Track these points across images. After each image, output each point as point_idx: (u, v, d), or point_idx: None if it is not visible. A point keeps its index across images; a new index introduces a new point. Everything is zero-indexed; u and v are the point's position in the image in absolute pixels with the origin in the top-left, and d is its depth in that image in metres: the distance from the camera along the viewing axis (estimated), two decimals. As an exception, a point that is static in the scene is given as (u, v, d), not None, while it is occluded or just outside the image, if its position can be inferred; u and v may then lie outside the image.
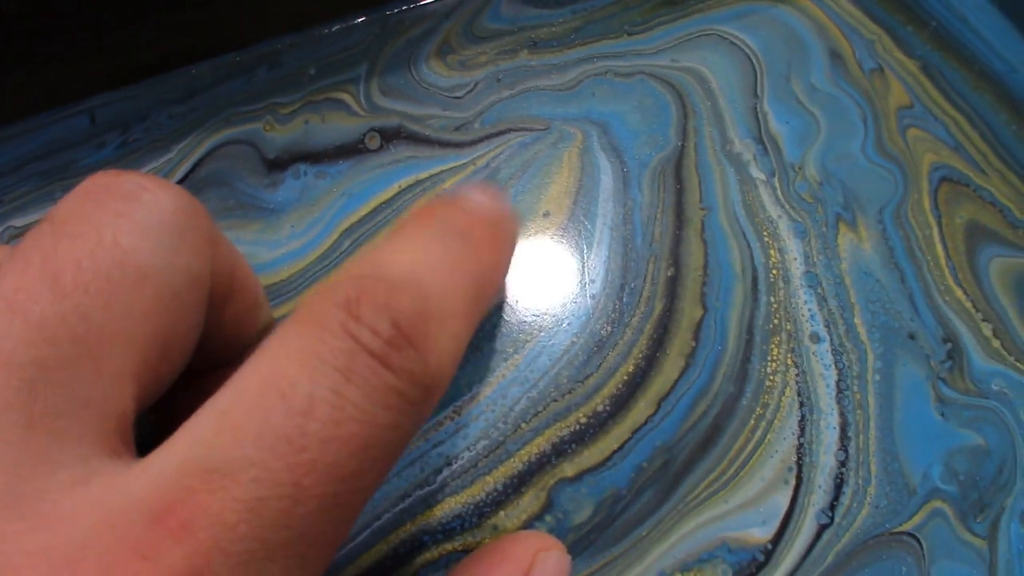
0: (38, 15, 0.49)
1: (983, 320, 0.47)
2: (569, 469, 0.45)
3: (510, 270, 0.38)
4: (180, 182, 0.51)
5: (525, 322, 0.47)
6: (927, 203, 0.52)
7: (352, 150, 0.52)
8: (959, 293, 0.48)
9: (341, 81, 0.54)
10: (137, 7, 0.50)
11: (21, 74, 0.51)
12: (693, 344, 0.47)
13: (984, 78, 0.58)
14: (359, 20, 0.56)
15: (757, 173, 0.52)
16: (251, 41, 0.55)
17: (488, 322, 0.47)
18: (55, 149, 0.52)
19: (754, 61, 0.56)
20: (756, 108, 0.54)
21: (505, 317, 0.47)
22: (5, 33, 0.48)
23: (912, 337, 0.47)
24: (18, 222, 0.50)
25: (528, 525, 0.44)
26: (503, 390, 0.46)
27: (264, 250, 0.49)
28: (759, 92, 0.55)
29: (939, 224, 0.51)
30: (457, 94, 0.54)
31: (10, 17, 0.47)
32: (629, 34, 0.57)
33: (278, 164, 0.52)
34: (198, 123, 0.53)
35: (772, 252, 0.49)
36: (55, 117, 0.53)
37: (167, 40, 0.53)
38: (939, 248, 0.50)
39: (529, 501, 0.44)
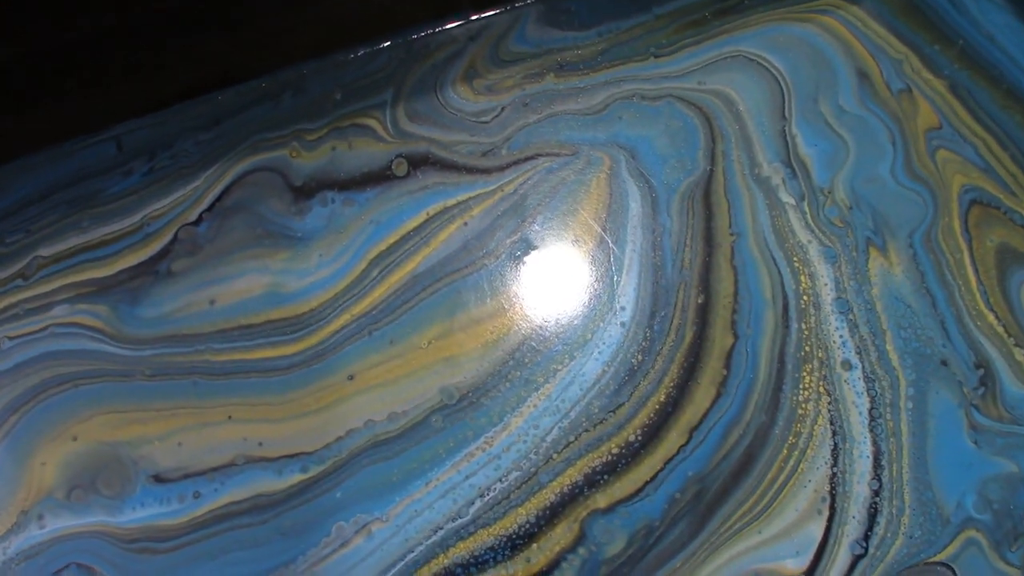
0: (64, 46, 0.48)
1: (1015, 345, 0.47)
2: (602, 500, 0.44)
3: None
4: (208, 210, 0.51)
5: (555, 351, 0.47)
6: (957, 226, 0.51)
7: (379, 177, 0.52)
8: (991, 318, 0.48)
9: (367, 107, 0.54)
10: (161, 36, 0.50)
11: (48, 103, 0.52)
12: (724, 372, 0.47)
13: (1012, 97, 0.57)
14: (383, 45, 0.56)
15: (787, 197, 0.51)
16: (276, 67, 0.55)
17: (518, 351, 0.47)
18: (82, 177, 0.52)
19: (781, 82, 0.56)
20: (784, 130, 0.54)
21: (535, 346, 0.47)
22: (32, 64, 0.48)
23: (944, 363, 0.47)
24: (45, 252, 0.51)
25: (561, 558, 0.43)
26: (535, 420, 0.46)
27: (293, 279, 0.49)
28: (787, 114, 0.55)
29: (970, 248, 0.50)
30: (484, 119, 0.54)
31: (37, 49, 0.47)
32: (655, 56, 0.56)
33: (305, 191, 0.51)
34: (224, 150, 0.53)
35: (803, 278, 0.49)
36: (82, 145, 0.53)
37: (192, 68, 0.53)
38: (970, 272, 0.50)
39: (562, 533, 0.44)
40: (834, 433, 0.46)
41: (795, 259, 0.50)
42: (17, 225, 0.50)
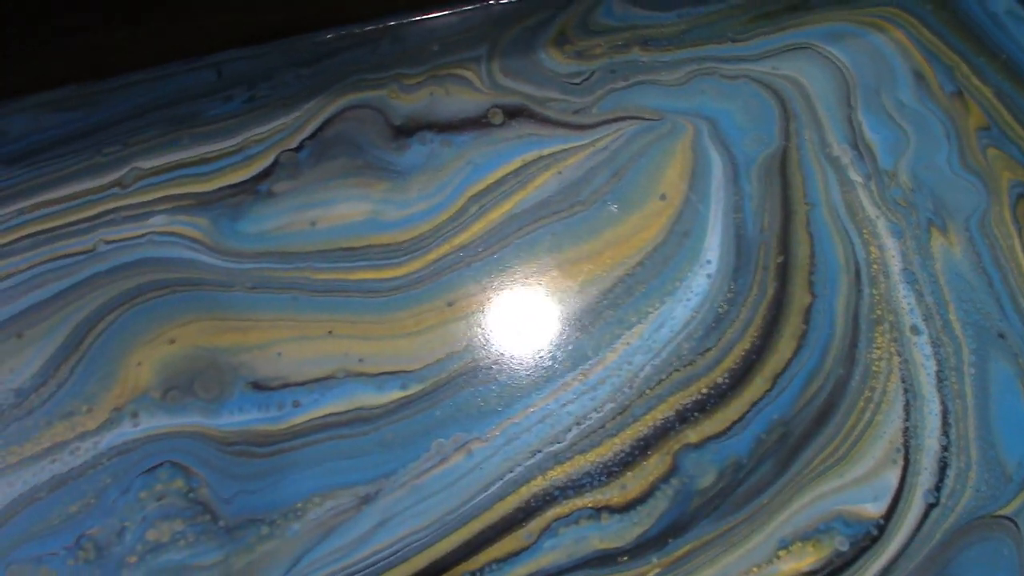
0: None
1: (1064, 326, 0.48)
2: (693, 435, 0.44)
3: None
4: (309, 138, 0.50)
5: (646, 295, 0.47)
6: (1008, 215, 0.53)
7: (476, 123, 0.52)
8: (1041, 301, 0.49)
9: (464, 59, 0.54)
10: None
11: (150, 25, 0.50)
12: (804, 327, 0.47)
13: (1048, 109, 0.60)
14: (475, 7, 0.56)
15: (855, 176, 0.52)
16: (375, 16, 0.54)
17: (611, 292, 0.47)
18: (181, 99, 0.51)
19: (846, 74, 0.57)
20: (851, 117, 0.55)
21: (627, 289, 0.47)
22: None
23: (1002, 336, 0.48)
24: (143, 164, 0.49)
25: (654, 487, 0.43)
26: (628, 357, 0.46)
27: (392, 209, 0.49)
28: (852, 103, 0.56)
29: (1020, 235, 0.52)
30: (574, 80, 0.54)
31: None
32: (732, 40, 0.58)
33: (404, 130, 0.51)
34: (324, 86, 0.52)
35: (872, 248, 0.50)
36: (181, 69, 0.52)
37: (294, 5, 0.52)
38: (1021, 257, 0.51)
39: (655, 464, 0.43)
40: (905, 391, 0.46)
41: (865, 231, 0.51)
42: (115, 137, 0.49)
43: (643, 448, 0.43)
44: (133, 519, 0.41)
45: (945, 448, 0.44)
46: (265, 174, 0.48)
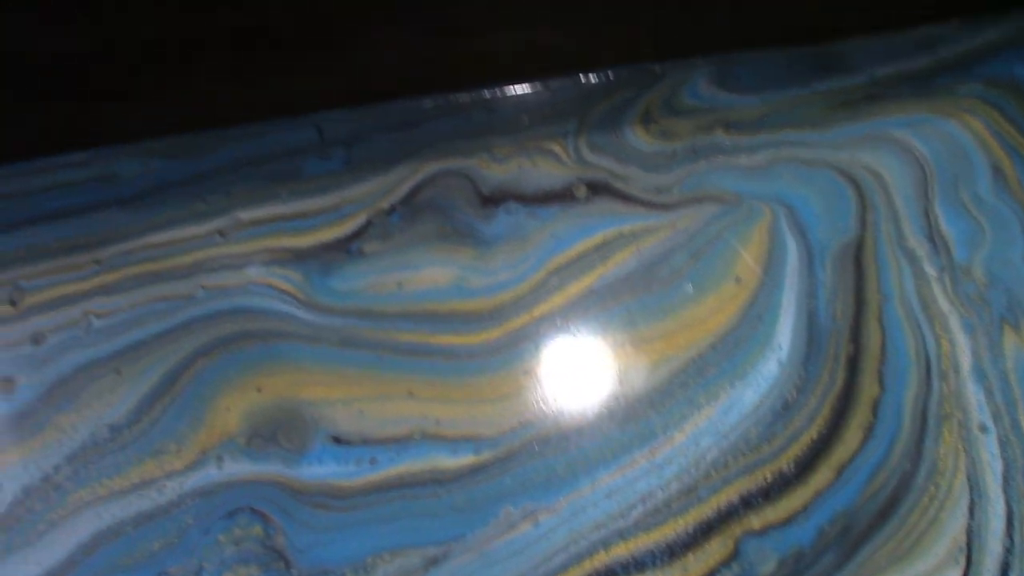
0: (285, 26, 0.50)
1: None
2: (756, 522, 0.44)
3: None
4: (400, 202, 0.51)
5: (717, 377, 0.47)
6: (1082, 318, 0.52)
7: (561, 196, 0.53)
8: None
9: (552, 133, 0.55)
10: (375, 36, 0.51)
11: (258, 83, 0.52)
12: (872, 419, 0.47)
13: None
14: (565, 81, 0.58)
15: (930, 269, 0.52)
16: (470, 86, 0.56)
17: (683, 372, 0.48)
18: (283, 154, 0.53)
19: (924, 166, 0.57)
20: (927, 210, 0.55)
21: (699, 370, 0.48)
22: (244, 44, 0.49)
23: (1070, 441, 0.47)
24: (244, 215, 0.51)
25: (715, 572, 0.43)
26: (696, 438, 0.46)
27: (477, 276, 0.50)
28: (929, 195, 0.56)
29: (1093, 338, 0.51)
30: (658, 160, 0.55)
31: (252, 29, 0.48)
32: (813, 127, 0.58)
33: (492, 200, 0.52)
34: (418, 151, 0.53)
35: (944, 343, 0.50)
36: (285, 126, 0.54)
37: (395, 72, 0.54)
38: (1093, 361, 0.50)
39: (717, 547, 0.44)
40: (971, 489, 0.46)
41: (937, 325, 0.51)
42: (218, 187, 0.51)
43: (706, 531, 0.43)
44: (211, 561, 0.42)
45: (1008, 551, 0.44)
46: (357, 234, 0.49)
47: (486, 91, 0.55)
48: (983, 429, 0.46)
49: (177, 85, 0.51)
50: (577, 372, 0.46)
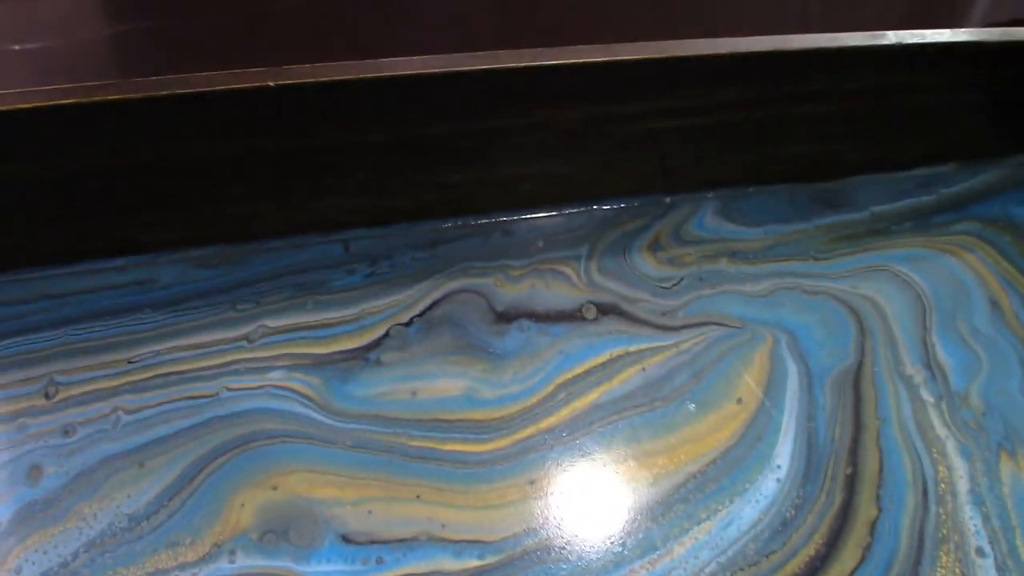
0: (316, 150, 0.54)
1: None
2: (752, 636, 0.45)
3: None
4: (419, 316, 0.55)
5: (717, 493, 0.49)
6: (1079, 448, 0.54)
7: (571, 316, 0.56)
8: (1109, 537, 0.49)
9: (565, 256, 0.59)
10: (404, 161, 0.56)
11: (291, 200, 0.57)
12: (869, 539, 0.48)
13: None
14: (583, 208, 0.62)
15: (927, 396, 0.54)
16: (492, 210, 0.60)
17: (683, 487, 0.49)
18: (311, 267, 0.57)
19: (923, 298, 0.60)
20: (925, 339, 0.58)
21: (699, 486, 0.49)
22: (276, 162, 0.54)
23: (1068, 569, 0.48)
24: (270, 323, 0.54)
25: None
26: (695, 551, 0.48)
27: (487, 388, 0.52)
28: (927, 325, 0.59)
29: (1091, 468, 0.52)
30: (664, 284, 0.58)
31: (290, 149, 0.53)
32: (815, 258, 0.61)
33: (505, 317, 0.55)
34: (438, 269, 0.57)
35: (940, 468, 0.51)
36: (314, 240, 0.58)
37: (423, 195, 0.58)
38: (1091, 491, 0.51)
39: (713, 660, 0.44)
40: (969, 614, 0.47)
41: (934, 450, 0.52)
42: (249, 296, 0.54)
43: (703, 643, 0.44)
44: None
45: None
46: (376, 344, 0.52)
47: (505, 216, 0.59)
48: (980, 553, 0.48)
49: (219, 199, 0.55)
50: (580, 483, 0.48)
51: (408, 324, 0.54)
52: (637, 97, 0.56)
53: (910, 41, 0.58)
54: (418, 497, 0.48)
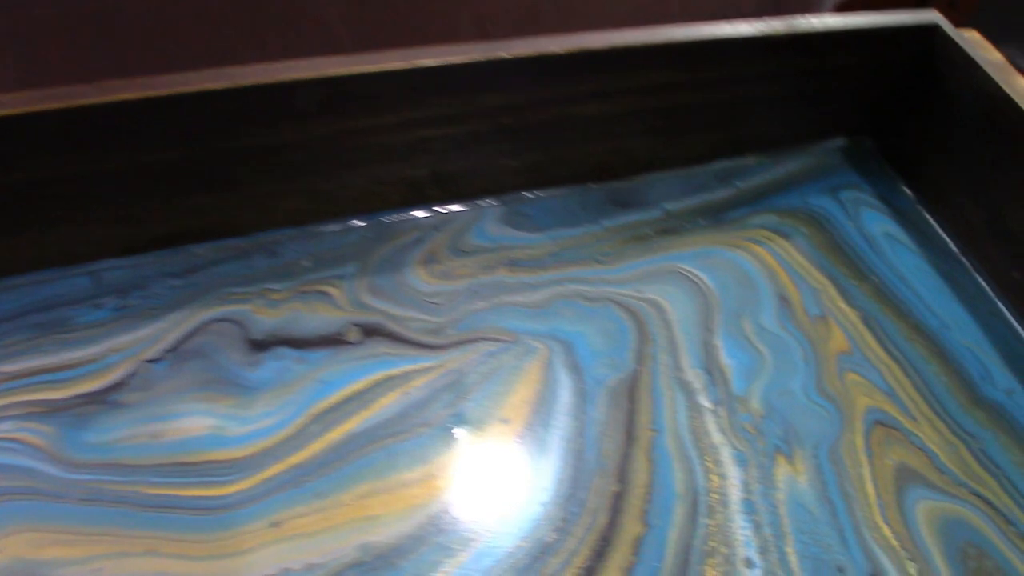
0: (58, 180, 0.51)
1: (908, 559, 0.48)
2: (502, 673, 0.43)
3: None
4: (169, 350, 0.52)
5: (475, 521, 0.47)
6: (860, 443, 0.53)
7: (333, 340, 0.53)
8: (887, 531, 0.49)
9: (332, 276, 0.56)
10: (150, 185, 0.53)
11: (31, 231, 0.53)
12: (632, 559, 0.47)
13: (917, 331, 0.61)
14: (356, 222, 0.59)
15: (705, 401, 0.53)
16: (254, 230, 0.57)
17: (439, 518, 0.47)
18: (55, 304, 0.53)
19: (710, 298, 0.59)
20: (708, 341, 0.57)
21: (456, 515, 0.47)
22: (24, 192, 0.50)
23: (840, 570, 0.47)
24: (7, 368, 0.51)
25: None
26: (446, 586, 0.46)
27: (235, 425, 0.50)
28: (711, 326, 0.57)
29: (870, 464, 0.52)
30: (436, 300, 0.56)
31: (32, 180, 0.50)
32: (599, 263, 0.60)
33: (261, 345, 0.53)
34: (193, 297, 0.54)
35: (713, 477, 0.50)
36: (60, 275, 0.54)
37: (175, 219, 0.55)
38: (870, 487, 0.51)
39: None
40: (732, 630, 0.45)
41: (707, 459, 0.51)
42: (-16, 342, 0.51)
43: None
44: None
45: None
46: (120, 384, 0.49)
47: (267, 236, 0.56)
48: (748, 564, 0.46)
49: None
50: (327, 521, 0.46)
51: (156, 360, 0.51)
52: (394, 108, 0.53)
53: (692, 38, 0.56)
54: (151, 551, 0.45)
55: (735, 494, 0.49)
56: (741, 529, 0.48)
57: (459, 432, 0.50)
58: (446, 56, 0.51)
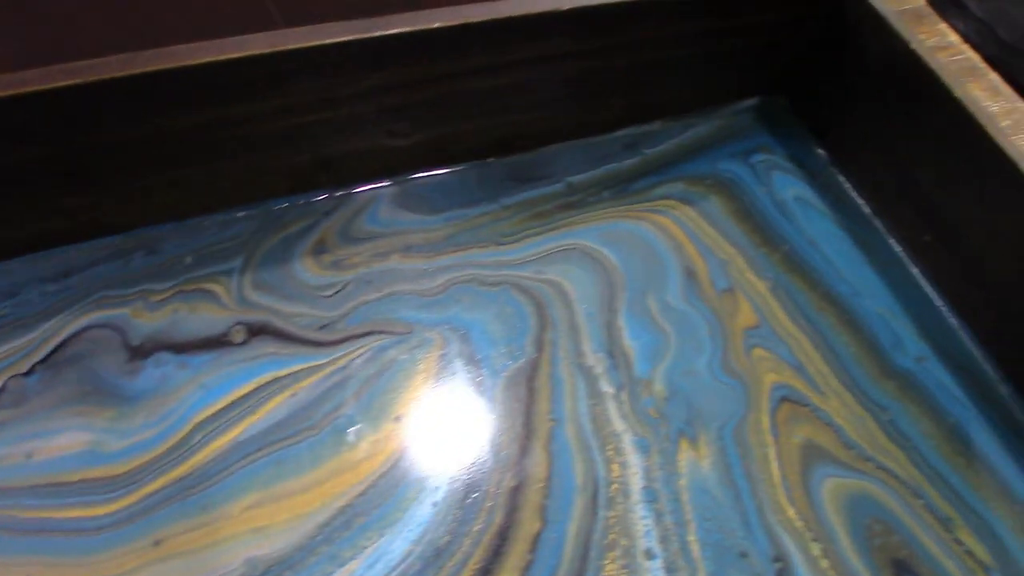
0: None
1: (813, 540, 0.47)
2: None
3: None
4: (41, 362, 0.49)
5: (366, 527, 0.46)
6: (766, 422, 0.52)
7: (216, 342, 0.51)
8: (791, 512, 0.48)
9: (215, 272, 0.54)
10: (13, 185, 0.50)
11: None
12: (530, 557, 0.46)
13: (828, 299, 0.60)
14: (240, 213, 0.56)
15: (606, 387, 0.52)
16: (131, 226, 0.54)
17: (328, 526, 0.46)
18: (-81, 321, 0.51)
19: (614, 276, 0.57)
20: (611, 322, 0.55)
21: (346, 521, 0.46)
22: None
23: (744, 556, 0.47)
24: None
25: None
26: (336, 598, 0.44)
27: (113, 439, 0.48)
28: (615, 306, 0.56)
29: (776, 443, 0.51)
30: (326, 293, 0.54)
31: None
32: (499, 244, 0.58)
33: (141, 352, 0.50)
34: (68, 303, 0.52)
35: (614, 466, 0.49)
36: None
37: (46, 220, 0.52)
38: (775, 467, 0.50)
39: None
40: (631, 623, 0.45)
41: (609, 448, 0.50)
42: None
43: None
44: None
45: None
46: (-11, 402, 0.47)
47: (145, 231, 0.53)
48: (649, 555, 0.46)
49: None
50: (211, 537, 0.44)
51: (28, 373, 0.49)
52: (265, 94, 0.50)
53: (585, 3, 0.53)
54: (26, 578, 0.43)
55: (636, 483, 0.48)
56: (642, 519, 0.47)
57: (349, 434, 0.48)
58: (315, 38, 0.48)
